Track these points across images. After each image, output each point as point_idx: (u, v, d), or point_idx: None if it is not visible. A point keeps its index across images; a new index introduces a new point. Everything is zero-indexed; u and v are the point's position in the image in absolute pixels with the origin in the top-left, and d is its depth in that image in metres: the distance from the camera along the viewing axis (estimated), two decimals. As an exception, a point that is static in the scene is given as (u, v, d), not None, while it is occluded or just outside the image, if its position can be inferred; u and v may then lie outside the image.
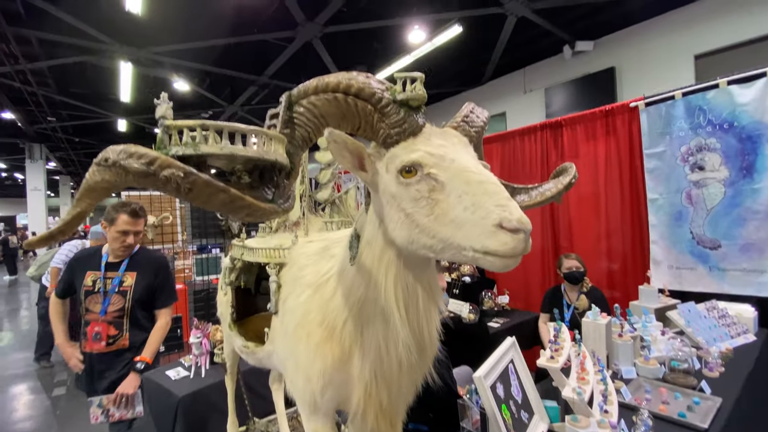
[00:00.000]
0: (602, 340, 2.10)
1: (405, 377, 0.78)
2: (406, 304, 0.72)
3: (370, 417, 0.82)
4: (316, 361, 0.85)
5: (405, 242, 0.68)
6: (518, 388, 1.54)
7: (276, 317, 1.05)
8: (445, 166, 0.66)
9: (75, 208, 0.57)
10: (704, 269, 2.93)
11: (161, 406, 1.87)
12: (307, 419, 0.92)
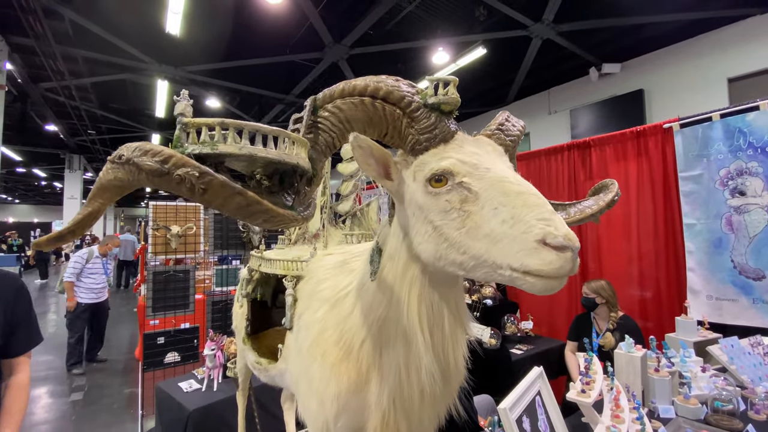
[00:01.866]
0: (637, 374, 1.94)
1: (427, 408, 0.70)
2: (430, 325, 0.66)
3: None
4: (330, 384, 0.79)
5: (432, 258, 0.62)
6: (545, 423, 1.43)
7: (290, 333, 1.00)
8: (479, 175, 0.61)
9: (86, 207, 0.55)
10: (747, 301, 2.72)
11: (171, 418, 1.84)
12: None
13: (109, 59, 7.21)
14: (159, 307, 3.69)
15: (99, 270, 5.06)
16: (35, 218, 28.38)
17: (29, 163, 17.19)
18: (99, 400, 4.18)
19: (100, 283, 5.06)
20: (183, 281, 3.83)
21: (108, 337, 6.29)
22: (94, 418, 3.80)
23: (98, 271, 5.05)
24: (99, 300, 5.10)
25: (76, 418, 3.81)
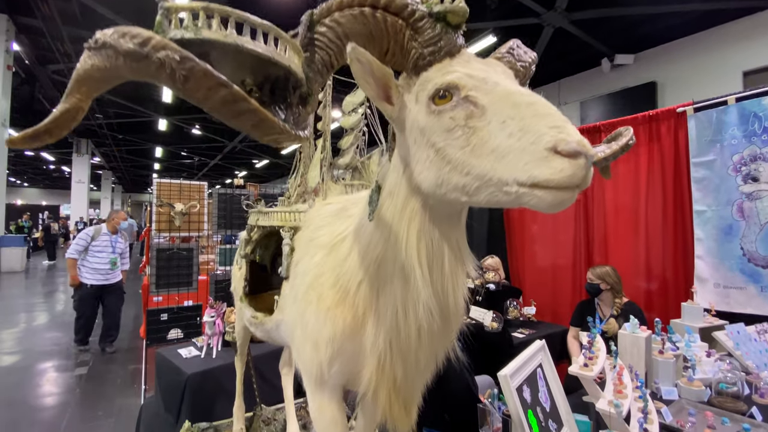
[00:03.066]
0: (641, 355, 1.92)
1: (424, 348, 0.68)
2: (429, 262, 0.63)
3: (382, 396, 0.73)
4: (325, 327, 0.77)
5: (433, 185, 0.59)
6: (546, 395, 1.41)
7: (287, 283, 0.98)
8: (486, 89, 0.57)
9: (63, 104, 0.50)
10: (755, 289, 2.67)
11: (170, 383, 1.84)
12: (312, 394, 0.85)
13: (117, 41, 7.18)
14: (162, 284, 3.71)
15: (106, 248, 4.63)
16: (44, 201, 28.71)
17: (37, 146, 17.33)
18: (103, 375, 4.23)
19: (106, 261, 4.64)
20: (186, 259, 3.85)
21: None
22: (98, 392, 3.86)
23: (105, 249, 4.62)
24: (108, 282, 4.70)
25: (80, 391, 3.87)
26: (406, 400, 0.75)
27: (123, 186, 30.53)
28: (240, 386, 1.49)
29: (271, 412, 1.53)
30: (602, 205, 3.48)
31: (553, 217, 3.84)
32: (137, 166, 21.91)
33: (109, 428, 3.20)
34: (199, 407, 1.54)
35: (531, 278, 4.05)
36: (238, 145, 15.17)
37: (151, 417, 1.78)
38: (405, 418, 0.76)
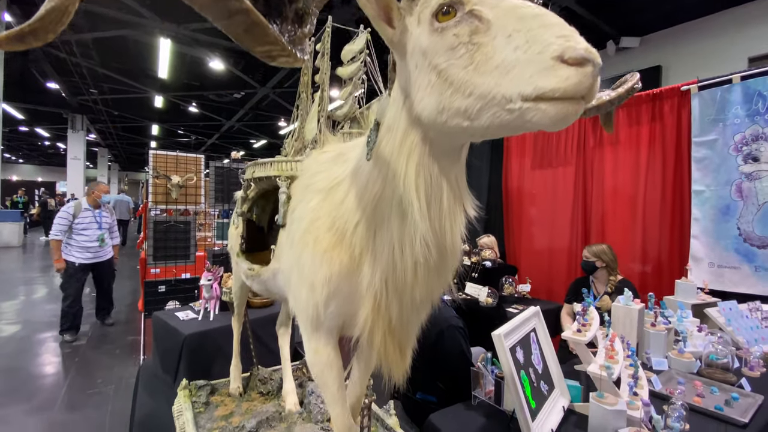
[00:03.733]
0: (633, 326, 1.94)
1: (420, 286, 0.67)
2: (427, 197, 0.62)
3: (377, 338, 0.73)
4: (321, 268, 0.77)
5: (434, 112, 0.57)
6: (539, 357, 1.43)
7: (283, 231, 0.98)
8: (492, 3, 0.54)
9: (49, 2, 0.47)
10: (749, 269, 2.70)
11: (167, 344, 1.86)
12: (309, 338, 0.85)
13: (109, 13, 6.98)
14: (160, 256, 3.71)
15: (91, 225, 4.25)
16: (39, 178, 28.46)
17: (31, 122, 17.07)
18: (102, 345, 4.28)
19: (94, 239, 4.28)
20: (184, 232, 3.84)
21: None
22: (97, 361, 3.91)
23: (90, 226, 4.25)
24: (98, 259, 4.40)
25: (79, 360, 3.92)
26: (401, 342, 0.75)
27: (119, 164, 30.27)
28: (237, 346, 1.51)
29: (268, 372, 1.55)
30: (601, 187, 3.48)
31: (552, 199, 3.83)
32: (133, 143, 21.66)
33: (109, 395, 3.25)
34: (196, 367, 1.55)
35: (527, 259, 4.07)
36: (236, 125, 14.98)
37: (149, 378, 1.81)
38: (399, 361, 0.76)
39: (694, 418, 1.47)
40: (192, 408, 1.36)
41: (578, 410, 1.48)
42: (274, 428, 1.22)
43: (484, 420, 1.41)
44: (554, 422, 1.30)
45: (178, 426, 1.33)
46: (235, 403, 1.42)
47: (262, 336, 1.81)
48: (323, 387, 0.83)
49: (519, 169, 4.19)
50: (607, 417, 1.25)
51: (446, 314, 1.83)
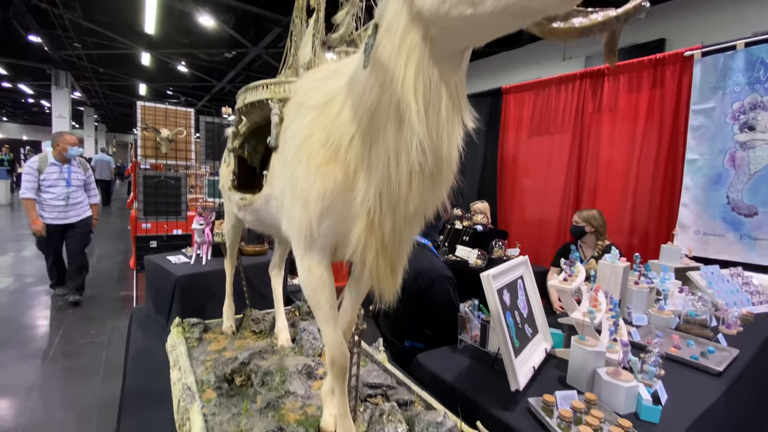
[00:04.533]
0: (618, 284, 1.99)
1: (414, 197, 0.67)
2: (426, 102, 0.61)
3: (370, 256, 0.74)
4: (315, 184, 0.76)
5: (436, 2, 0.55)
6: (525, 303, 1.47)
7: (275, 154, 0.96)
8: None
9: None
10: (734, 237, 2.76)
11: (159, 286, 1.87)
12: (302, 257, 0.85)
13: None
14: (150, 211, 3.67)
15: (59, 181, 3.76)
16: (24, 136, 27.64)
17: (14, 77, 16.35)
18: (94, 300, 4.30)
19: (62, 197, 3.78)
20: (174, 188, 3.79)
21: (101, 253, 6.39)
22: (90, 314, 3.94)
23: (58, 183, 3.75)
24: (67, 220, 3.89)
25: (72, 313, 3.95)
26: (392, 261, 0.75)
27: (107, 124, 29.40)
28: (230, 288, 1.52)
29: (261, 314, 1.57)
30: (596, 154, 3.48)
31: (547, 167, 3.84)
32: (120, 103, 20.96)
33: (102, 344, 3.31)
34: (189, 308, 1.57)
35: (518, 225, 4.12)
36: (227, 86, 14.52)
37: (142, 319, 1.83)
38: (391, 281, 0.77)
39: (670, 365, 1.54)
40: (185, 343, 1.38)
41: (559, 355, 1.54)
42: (266, 360, 1.25)
43: (469, 360, 1.47)
44: (536, 361, 1.35)
45: (171, 359, 1.35)
46: (228, 340, 1.44)
47: (255, 283, 1.83)
48: (316, 306, 0.85)
49: (516, 137, 4.16)
50: (587, 358, 1.30)
51: (436, 265, 1.86)
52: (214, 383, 1.15)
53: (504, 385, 1.25)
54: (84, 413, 2.42)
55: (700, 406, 1.28)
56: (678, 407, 1.24)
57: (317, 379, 1.20)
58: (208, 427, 0.96)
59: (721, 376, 1.47)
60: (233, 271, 1.54)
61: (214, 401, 1.08)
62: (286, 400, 1.09)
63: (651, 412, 1.18)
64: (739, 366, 1.58)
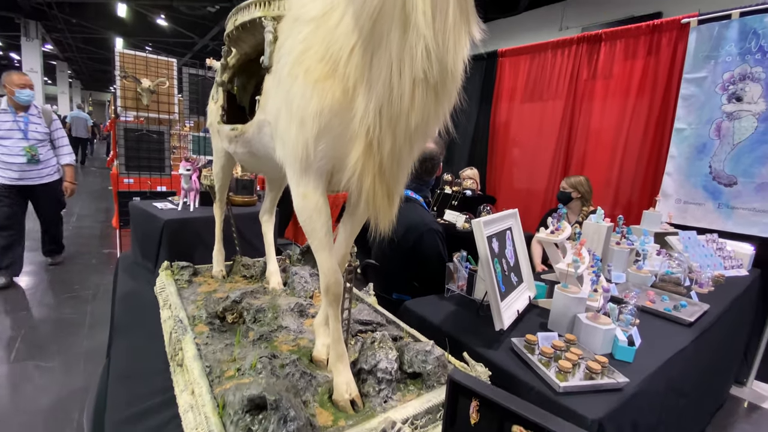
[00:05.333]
0: (600, 243, 2.05)
1: (416, 111, 0.65)
2: (432, 5, 0.59)
3: (367, 181, 0.73)
4: (312, 101, 0.74)
5: None
6: (512, 253, 1.50)
7: (269, 76, 0.93)
8: None
9: None
10: (713, 205, 2.85)
11: (146, 230, 1.84)
12: (297, 183, 0.84)
13: None
14: (133, 166, 3.55)
15: (13, 133, 3.09)
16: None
17: (-21, 25, 15.19)
18: (76, 258, 4.22)
19: (18, 152, 3.10)
20: (157, 143, 3.65)
21: (81, 212, 6.21)
22: (73, 270, 3.87)
23: (12, 134, 3.09)
24: (30, 181, 3.23)
25: (54, 269, 3.87)
26: (389, 187, 0.75)
27: (82, 81, 27.85)
28: (219, 233, 1.50)
29: (252, 261, 1.57)
30: (587, 122, 3.49)
31: (538, 134, 3.84)
32: (95, 59, 19.80)
33: (87, 299, 3.28)
34: (177, 254, 1.55)
35: (506, 191, 4.17)
36: (210, 44, 13.85)
37: (129, 265, 1.81)
38: (387, 208, 0.77)
39: (644, 316, 1.62)
40: (175, 284, 1.38)
41: (542, 305, 1.60)
42: (258, 299, 1.26)
43: (455, 307, 1.51)
44: (521, 306, 1.40)
45: (161, 299, 1.35)
46: (219, 283, 1.44)
47: (245, 232, 1.81)
48: (311, 234, 0.84)
49: (509, 103, 4.12)
50: (568, 304, 1.35)
51: (427, 219, 1.88)
52: (205, 318, 1.16)
53: (489, 328, 1.30)
54: (71, 362, 2.43)
55: (670, 350, 1.36)
56: (650, 351, 1.32)
57: (309, 317, 1.23)
58: (201, 354, 0.97)
59: (692, 327, 1.57)
60: (223, 216, 1.52)
61: (206, 334, 1.09)
62: (278, 334, 1.11)
63: (626, 352, 1.25)
64: (709, 319, 1.68)
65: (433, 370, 0.93)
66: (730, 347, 2.27)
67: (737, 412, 2.51)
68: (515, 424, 0.67)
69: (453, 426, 0.74)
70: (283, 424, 0.71)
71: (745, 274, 2.46)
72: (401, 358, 0.95)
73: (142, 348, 1.15)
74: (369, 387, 0.87)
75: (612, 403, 1.03)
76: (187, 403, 0.87)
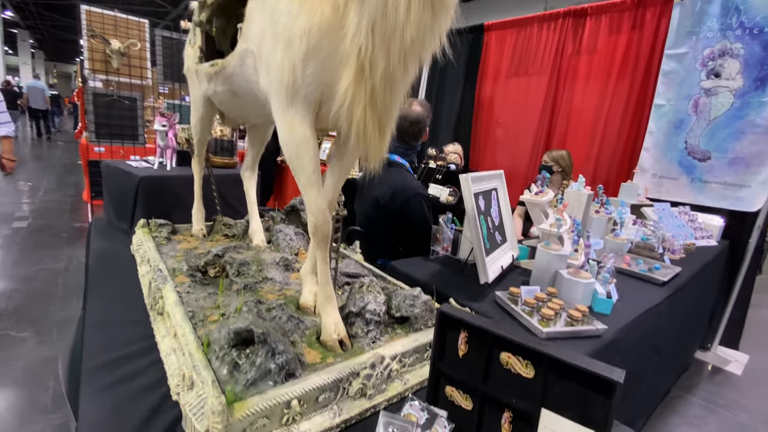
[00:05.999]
0: (581, 210, 2.09)
1: (411, 25, 0.61)
2: None
3: (358, 110, 0.70)
4: (300, 18, 0.70)
5: None
6: (497, 212, 1.51)
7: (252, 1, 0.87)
8: None
9: None
10: (686, 180, 2.95)
11: (120, 188, 1.75)
12: (283, 113, 0.80)
13: None
14: (103, 134, 3.36)
15: None
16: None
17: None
18: (46, 230, 4.03)
19: None
20: (129, 110, 3.47)
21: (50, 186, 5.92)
22: (42, 245, 3.70)
23: None
24: None
25: (20, 241, 3.69)
26: (381, 119, 0.72)
27: (45, 52, 26.14)
28: (198, 190, 1.44)
29: (233, 221, 1.53)
30: (570, 101, 3.51)
31: (522, 109, 3.85)
32: (60, 27, 18.54)
33: (59, 271, 3.15)
34: (154, 214, 1.48)
35: (489, 168, 4.19)
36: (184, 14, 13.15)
37: (103, 227, 1.72)
38: (378, 142, 0.74)
39: (621, 277, 1.68)
40: (153, 241, 1.33)
41: (524, 266, 1.63)
42: (241, 254, 1.23)
43: (440, 266, 1.52)
44: (504, 262, 1.42)
45: (138, 256, 1.30)
46: (199, 241, 1.40)
47: (226, 195, 1.75)
48: (298, 169, 0.81)
49: (494, 79, 4.10)
50: (551, 260, 1.38)
51: (413, 183, 1.86)
52: (186, 271, 1.12)
53: (473, 284, 1.32)
54: (44, 332, 2.35)
55: (645, 306, 1.42)
56: (626, 306, 1.37)
57: (295, 271, 1.21)
58: (183, 301, 0.94)
59: (665, 286, 1.64)
60: (202, 174, 1.46)
61: (188, 284, 1.06)
62: (263, 285, 1.09)
63: (604, 304, 1.29)
64: (681, 280, 1.76)
65: (420, 313, 0.93)
66: (698, 312, 2.39)
67: (701, 374, 2.67)
68: (503, 351, 0.67)
69: (442, 360, 0.74)
70: (271, 357, 0.70)
71: (714, 244, 2.57)
72: (389, 303, 0.94)
73: (120, 301, 1.11)
74: (357, 329, 0.87)
75: (591, 348, 1.06)
76: (169, 347, 0.85)
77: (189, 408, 0.63)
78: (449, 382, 0.74)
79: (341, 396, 0.74)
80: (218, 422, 0.57)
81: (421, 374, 0.85)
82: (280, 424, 0.66)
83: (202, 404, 0.61)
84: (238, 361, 0.70)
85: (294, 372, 0.72)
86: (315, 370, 0.74)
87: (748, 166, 2.69)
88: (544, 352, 0.61)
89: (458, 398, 0.73)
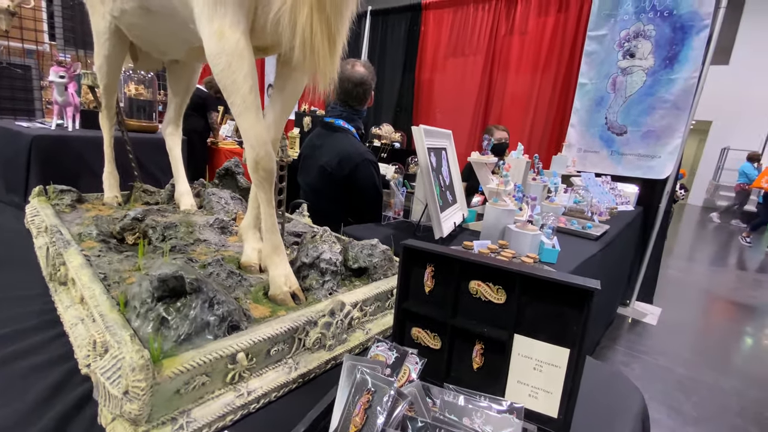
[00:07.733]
0: (520, 176, 2.18)
1: None
2: None
3: (303, 13, 0.60)
4: None
5: None
6: (447, 172, 1.50)
7: None
8: None
9: None
10: (606, 153, 3.22)
11: (7, 154, 1.41)
12: (210, 17, 0.64)
13: None
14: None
15: None
16: None
17: None
18: None
19: None
20: (23, 80, 2.92)
21: None
22: None
23: None
24: None
25: None
26: (330, 26, 0.62)
27: None
28: (109, 150, 1.21)
29: (154, 188, 1.33)
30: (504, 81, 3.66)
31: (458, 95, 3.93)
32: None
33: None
34: (54, 180, 1.22)
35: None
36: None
37: (-14, 205, 1.40)
38: (328, 56, 0.64)
39: (560, 235, 1.77)
40: (53, 209, 1.10)
41: (472, 228, 1.65)
42: (166, 217, 1.06)
43: (393, 230, 1.47)
44: (457, 220, 1.41)
45: (33, 228, 1.07)
46: (113, 210, 1.19)
47: (144, 162, 1.52)
48: (230, 88, 0.67)
49: (432, 60, 4.14)
50: (499, 216, 1.40)
51: (361, 149, 1.78)
52: (97, 236, 0.94)
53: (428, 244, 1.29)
54: None
55: (584, 256, 1.51)
56: (568, 256, 1.44)
57: (233, 234, 1.07)
58: (93, 264, 0.78)
59: (598, 240, 1.76)
60: (113, 129, 1.23)
61: (99, 248, 0.88)
62: (196, 247, 0.95)
63: (551, 253, 1.34)
64: (610, 236, 1.91)
65: (379, 263, 0.86)
66: (622, 268, 2.63)
67: (623, 326, 2.96)
68: (473, 279, 0.63)
69: (407, 299, 0.69)
70: (209, 308, 0.58)
71: (631, 209, 2.84)
72: (345, 255, 0.87)
73: (11, 278, 0.90)
74: (311, 280, 0.78)
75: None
76: (75, 316, 0.69)
77: (102, 373, 0.50)
78: (415, 323, 0.69)
79: (297, 348, 0.65)
80: (140, 380, 0.46)
81: (383, 323, 0.79)
82: (224, 383, 0.56)
83: (118, 365, 0.49)
84: (166, 316, 0.57)
85: (238, 324, 0.61)
86: (265, 322, 0.64)
87: (659, 139, 3.00)
88: (518, 271, 0.58)
89: (425, 339, 0.68)
